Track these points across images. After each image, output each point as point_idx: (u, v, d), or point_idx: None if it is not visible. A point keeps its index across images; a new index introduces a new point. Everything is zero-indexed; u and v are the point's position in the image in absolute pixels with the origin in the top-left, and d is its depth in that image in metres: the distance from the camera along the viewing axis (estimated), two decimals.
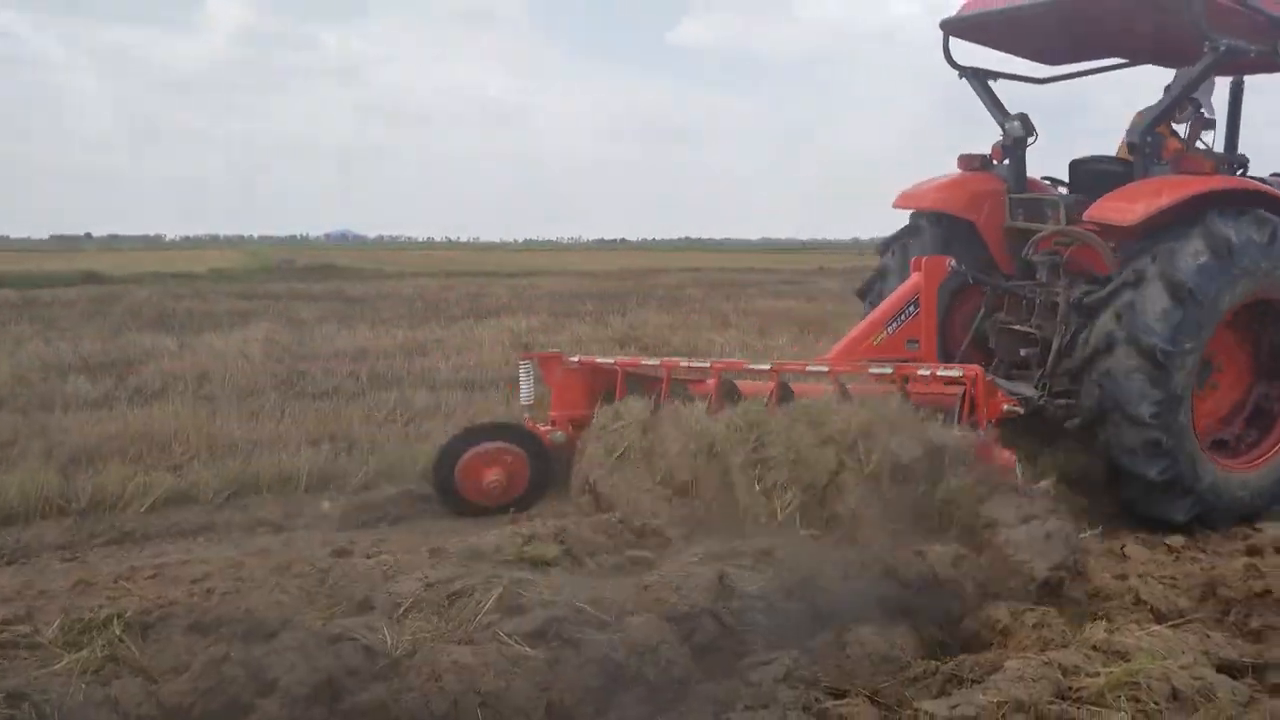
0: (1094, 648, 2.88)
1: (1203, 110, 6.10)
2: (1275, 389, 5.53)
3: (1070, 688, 2.66)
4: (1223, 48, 5.01)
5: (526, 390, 5.55)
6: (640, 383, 5.37)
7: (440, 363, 9.87)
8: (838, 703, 2.74)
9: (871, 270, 6.53)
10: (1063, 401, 5.18)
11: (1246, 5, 5.05)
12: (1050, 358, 5.37)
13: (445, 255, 57.33)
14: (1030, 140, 6.16)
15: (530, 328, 13.21)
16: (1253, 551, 4.13)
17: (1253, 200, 5.15)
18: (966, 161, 6.36)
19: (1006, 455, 4.15)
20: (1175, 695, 2.57)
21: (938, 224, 6.17)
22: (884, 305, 5.49)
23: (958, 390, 4.39)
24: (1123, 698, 2.56)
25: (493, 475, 5.09)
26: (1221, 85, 6.14)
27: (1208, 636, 3.06)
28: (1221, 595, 3.67)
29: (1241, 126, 6.17)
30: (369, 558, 3.77)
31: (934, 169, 6.51)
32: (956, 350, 5.99)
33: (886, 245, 6.44)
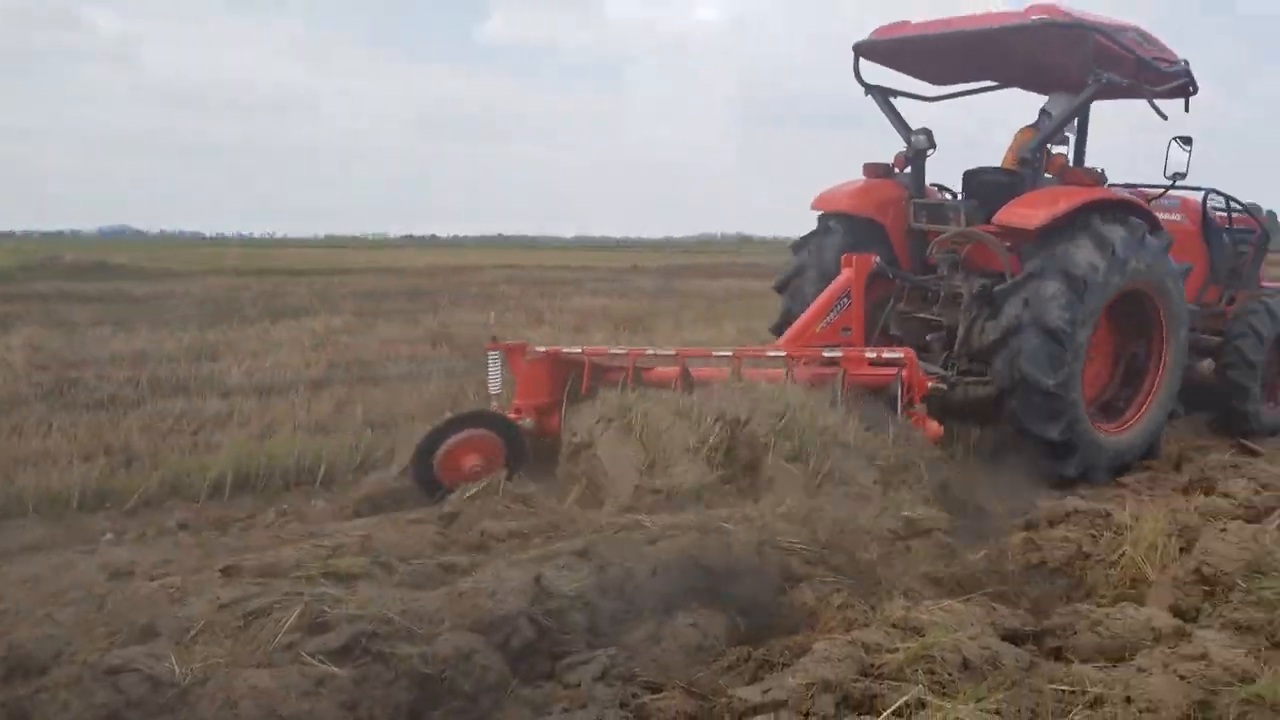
0: (894, 625, 3.02)
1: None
2: (1138, 365, 6.46)
3: (873, 665, 2.77)
4: (1104, 80, 5.99)
5: (495, 380, 5.72)
6: (602, 372, 5.75)
7: (232, 367, 9.25)
8: (655, 697, 2.74)
9: (791, 267, 7.04)
10: (970, 379, 5.89)
11: (1122, 47, 6.07)
12: (957, 342, 6.07)
13: (237, 252, 53.95)
14: (930, 152, 6.80)
15: (334, 328, 12.64)
16: (1029, 526, 4.44)
17: (1123, 208, 6.05)
18: (871, 170, 6.99)
19: (935, 426, 4.94)
20: (966, 665, 2.74)
21: (847, 225, 6.78)
22: (822, 297, 6.10)
23: (892, 371, 4.98)
24: (919, 670, 2.70)
25: (472, 461, 5.19)
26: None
27: (994, 608, 3.28)
28: (1004, 568, 3.96)
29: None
30: (153, 580, 3.44)
31: (743, 171, 6.96)
32: (868, 337, 6.47)
33: (801, 244, 7.02)
